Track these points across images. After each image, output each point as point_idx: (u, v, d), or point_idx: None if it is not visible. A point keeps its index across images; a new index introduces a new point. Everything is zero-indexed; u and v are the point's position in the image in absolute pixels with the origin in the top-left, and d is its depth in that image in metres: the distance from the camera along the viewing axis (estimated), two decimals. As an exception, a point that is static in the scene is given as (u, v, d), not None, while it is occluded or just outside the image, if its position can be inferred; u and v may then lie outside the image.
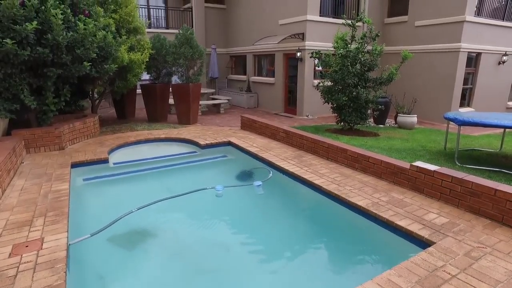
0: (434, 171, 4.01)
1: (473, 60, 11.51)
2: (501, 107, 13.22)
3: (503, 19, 11.96)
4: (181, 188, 4.76)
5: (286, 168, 5.17)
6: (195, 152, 6.70)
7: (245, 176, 5.57)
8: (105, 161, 5.70)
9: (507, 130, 7.44)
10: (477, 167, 5.48)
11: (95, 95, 8.94)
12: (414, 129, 9.53)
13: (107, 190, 5.12)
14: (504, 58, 12.10)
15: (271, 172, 5.34)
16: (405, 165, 4.43)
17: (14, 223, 3.31)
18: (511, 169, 5.37)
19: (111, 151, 6.28)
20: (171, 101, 10.04)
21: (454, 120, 5.76)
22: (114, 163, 5.89)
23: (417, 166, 4.21)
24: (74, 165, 5.36)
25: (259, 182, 4.92)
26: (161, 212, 4.20)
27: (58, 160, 5.51)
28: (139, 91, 10.03)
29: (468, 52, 10.85)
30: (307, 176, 4.78)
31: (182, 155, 6.53)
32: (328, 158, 5.60)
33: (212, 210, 4.44)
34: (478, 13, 11.20)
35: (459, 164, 5.57)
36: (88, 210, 4.27)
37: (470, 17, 10.48)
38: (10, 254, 2.77)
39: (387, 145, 6.96)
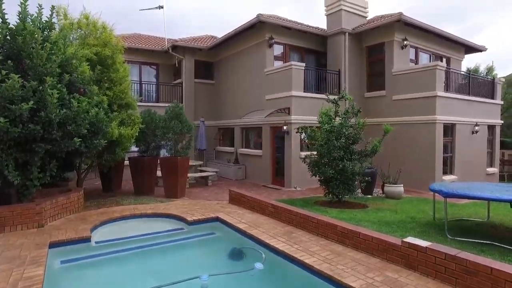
0: (426, 247, 3.95)
1: (449, 130, 12.19)
2: (481, 173, 13.66)
3: (469, 94, 13.04)
4: (168, 270, 4.49)
5: (276, 246, 4.99)
6: (182, 229, 6.45)
7: (234, 256, 5.31)
8: (87, 239, 5.41)
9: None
10: (468, 239, 5.44)
11: (82, 167, 8.85)
12: (401, 199, 9.60)
13: (86, 274, 4.75)
14: (476, 128, 12.90)
15: (263, 254, 5.08)
16: (397, 241, 4.36)
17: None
18: (501, 240, 5.36)
19: (94, 228, 6.01)
20: (158, 173, 10.01)
21: (439, 192, 5.87)
22: (97, 242, 5.59)
23: (409, 243, 4.15)
24: (53, 245, 5.05)
25: (261, 265, 4.69)
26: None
27: (35, 239, 5.21)
28: (126, 162, 10.02)
29: (444, 123, 11.54)
30: (298, 255, 4.61)
31: (169, 232, 6.27)
32: (318, 234, 5.47)
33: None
34: (447, 88, 12.19)
35: (450, 237, 5.53)
36: (63, 299, 3.92)
37: (440, 92, 11.38)
38: None
39: (377, 217, 6.92)
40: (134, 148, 10.28)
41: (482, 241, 5.31)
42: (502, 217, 7.32)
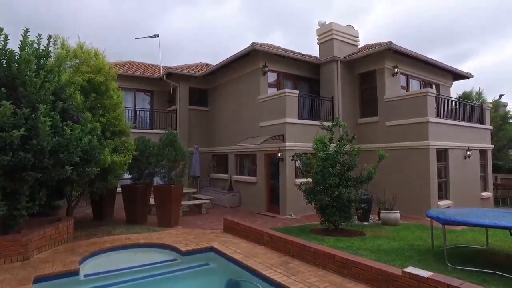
0: (428, 278, 3.83)
1: (442, 155, 12.27)
2: (476, 198, 13.64)
3: (460, 120, 13.27)
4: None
5: (273, 277, 4.80)
6: (175, 260, 6.22)
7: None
8: (75, 273, 5.15)
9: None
10: (469, 268, 5.31)
11: (73, 195, 8.61)
12: (398, 225, 9.46)
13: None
14: (468, 153, 13.02)
15: (260, 286, 4.89)
16: (397, 271, 4.23)
17: None
18: (503, 268, 5.23)
19: (83, 260, 5.76)
20: (152, 201, 9.79)
21: (437, 219, 5.80)
22: (85, 275, 5.34)
23: (409, 273, 4.03)
24: (38, 280, 4.78)
25: None
26: None
27: (18, 274, 4.93)
28: (119, 189, 9.80)
29: (437, 148, 11.63)
30: (295, 287, 4.43)
31: (162, 264, 6.04)
32: (316, 264, 5.31)
33: None
34: (438, 114, 12.39)
35: (450, 266, 5.40)
36: None
37: (432, 118, 11.55)
38: None
39: (374, 245, 6.77)
40: (127, 175, 10.11)
41: (484, 270, 5.19)
42: (501, 243, 7.23)
